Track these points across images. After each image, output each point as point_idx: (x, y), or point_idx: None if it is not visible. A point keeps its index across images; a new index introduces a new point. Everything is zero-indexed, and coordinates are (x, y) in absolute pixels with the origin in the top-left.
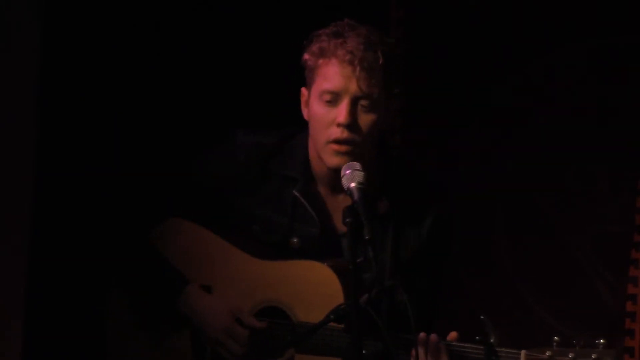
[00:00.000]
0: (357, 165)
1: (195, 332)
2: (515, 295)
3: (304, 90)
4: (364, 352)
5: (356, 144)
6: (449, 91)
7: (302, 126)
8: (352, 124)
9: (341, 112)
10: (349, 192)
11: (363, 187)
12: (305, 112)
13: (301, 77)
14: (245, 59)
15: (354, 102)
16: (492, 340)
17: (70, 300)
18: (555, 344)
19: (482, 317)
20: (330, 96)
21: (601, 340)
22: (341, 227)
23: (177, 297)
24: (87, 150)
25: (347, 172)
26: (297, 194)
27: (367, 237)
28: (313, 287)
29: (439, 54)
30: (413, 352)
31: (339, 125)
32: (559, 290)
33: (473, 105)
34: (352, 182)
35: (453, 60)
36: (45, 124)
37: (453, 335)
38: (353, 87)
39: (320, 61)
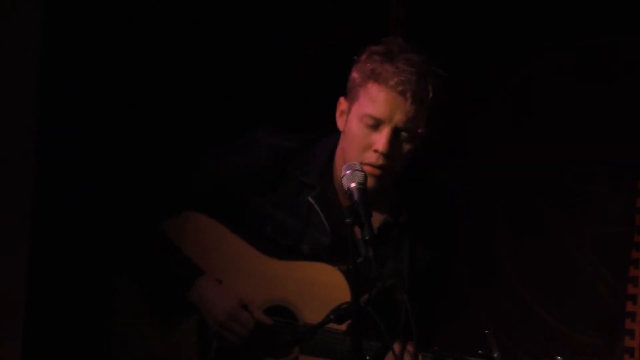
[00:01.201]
0: (357, 165)
1: (202, 326)
2: (515, 296)
3: (342, 99)
4: (367, 358)
5: (390, 170)
6: (449, 91)
7: (324, 130)
8: (389, 153)
9: (381, 139)
10: (349, 192)
11: (363, 187)
12: (340, 122)
13: (308, 74)
14: (238, 59)
15: (395, 132)
16: (495, 355)
17: (73, 297)
18: None
19: (486, 331)
20: (372, 121)
21: None
22: (358, 235)
23: (190, 286)
24: (92, 147)
25: (348, 172)
26: (312, 200)
27: (366, 238)
28: (322, 290)
29: (439, 54)
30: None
31: (376, 151)
32: (559, 291)
33: (473, 106)
34: (353, 182)
35: (453, 60)
36: (47, 119)
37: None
38: (399, 117)
39: (370, 83)
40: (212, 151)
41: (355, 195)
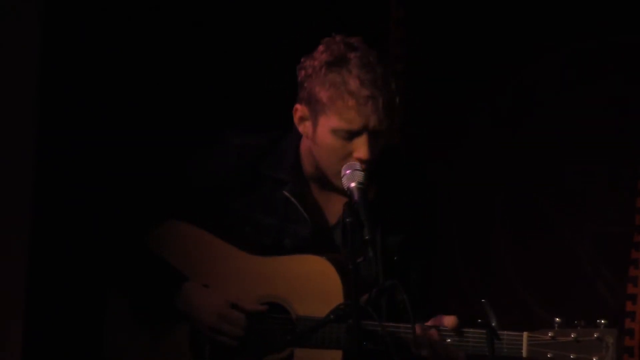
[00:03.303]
0: (357, 165)
1: (194, 331)
2: (514, 295)
3: (299, 107)
4: (364, 343)
5: (370, 169)
6: (449, 91)
7: (291, 126)
8: (371, 157)
9: (362, 147)
10: (349, 191)
11: (363, 187)
12: (301, 128)
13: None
14: (240, 60)
15: (371, 136)
16: (493, 324)
17: (70, 300)
18: (557, 325)
19: (483, 300)
20: (347, 134)
21: (602, 321)
22: (332, 220)
23: (176, 294)
24: (85, 153)
25: (347, 172)
26: (287, 194)
27: (366, 237)
28: (311, 281)
29: (439, 54)
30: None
31: (359, 159)
32: (559, 290)
33: (473, 105)
34: (352, 182)
35: (453, 60)
36: (45, 124)
37: (452, 321)
38: (372, 123)
39: (336, 99)
40: (187, 158)
41: (355, 195)
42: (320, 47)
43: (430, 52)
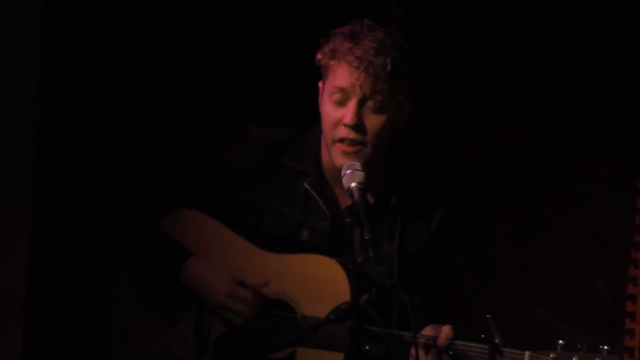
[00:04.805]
0: (358, 165)
1: (199, 322)
2: (515, 296)
3: (320, 84)
4: (367, 347)
5: (363, 144)
6: (449, 91)
7: (314, 121)
8: (358, 125)
9: (348, 112)
10: (349, 191)
11: (363, 187)
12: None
13: (308, 73)
14: (253, 55)
15: (360, 104)
16: (496, 340)
17: (73, 296)
18: (559, 346)
19: (487, 316)
20: (339, 95)
21: (605, 347)
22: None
23: (180, 270)
24: (85, 152)
25: (348, 172)
26: (308, 187)
27: (367, 237)
28: (320, 282)
29: (439, 54)
30: (412, 350)
31: (345, 125)
32: (559, 291)
33: (473, 105)
34: (353, 182)
35: (453, 60)
36: (45, 124)
37: (447, 331)
38: (359, 89)
39: (332, 62)
40: (206, 149)
41: (356, 195)
42: None
43: (430, 52)
